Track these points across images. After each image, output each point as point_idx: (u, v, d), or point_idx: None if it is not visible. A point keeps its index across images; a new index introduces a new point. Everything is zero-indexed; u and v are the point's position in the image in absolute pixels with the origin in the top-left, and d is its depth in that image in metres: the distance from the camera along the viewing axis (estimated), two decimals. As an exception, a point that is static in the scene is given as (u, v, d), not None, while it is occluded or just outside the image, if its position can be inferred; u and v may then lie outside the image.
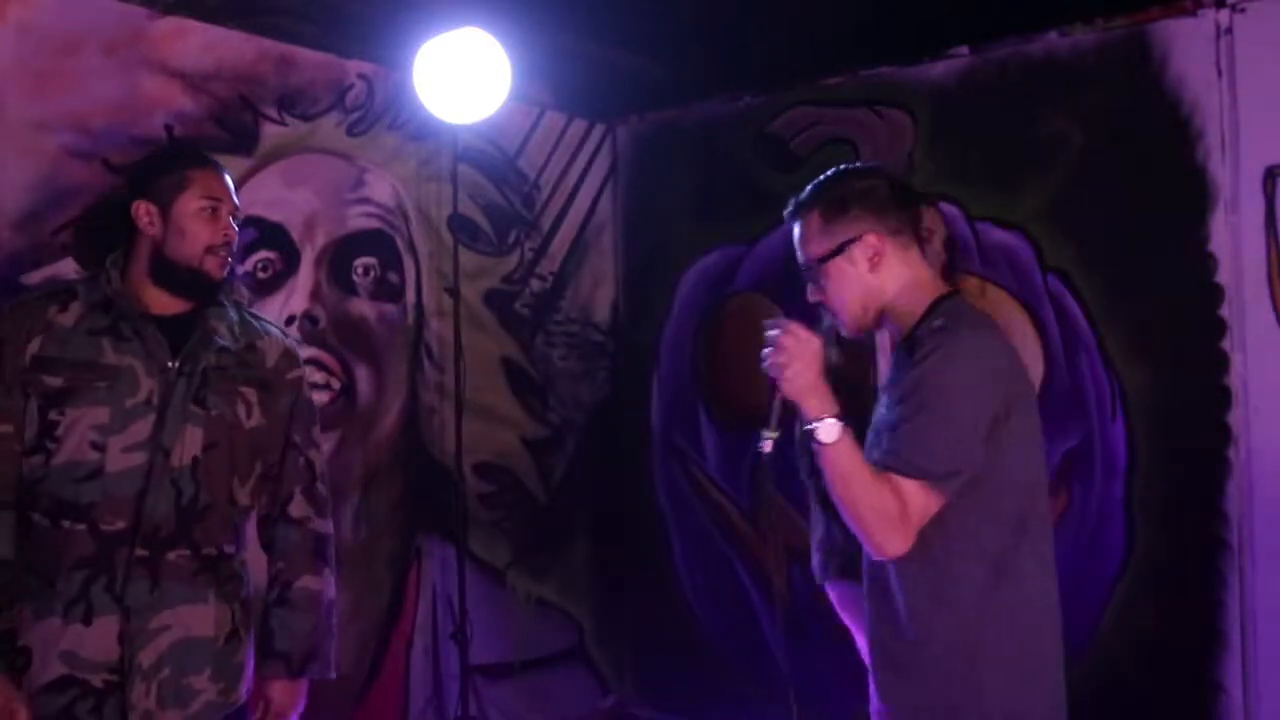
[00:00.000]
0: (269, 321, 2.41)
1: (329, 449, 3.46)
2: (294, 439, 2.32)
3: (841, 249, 1.94)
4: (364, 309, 3.60)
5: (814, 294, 2.04)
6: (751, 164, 4.12)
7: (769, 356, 1.97)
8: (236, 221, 2.26)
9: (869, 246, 1.94)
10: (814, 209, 1.98)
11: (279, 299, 3.38)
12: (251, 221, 3.31)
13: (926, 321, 1.91)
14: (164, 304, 2.18)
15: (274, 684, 2.25)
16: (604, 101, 4.33)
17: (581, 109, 4.33)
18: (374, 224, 3.64)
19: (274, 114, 3.38)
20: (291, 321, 3.39)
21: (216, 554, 2.18)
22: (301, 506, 2.31)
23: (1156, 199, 3.25)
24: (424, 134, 3.75)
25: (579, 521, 4.28)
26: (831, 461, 1.85)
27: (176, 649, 2.10)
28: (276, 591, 2.28)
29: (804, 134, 4.01)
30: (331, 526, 2.38)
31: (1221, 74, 3.15)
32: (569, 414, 4.26)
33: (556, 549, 4.18)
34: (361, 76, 3.61)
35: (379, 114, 3.66)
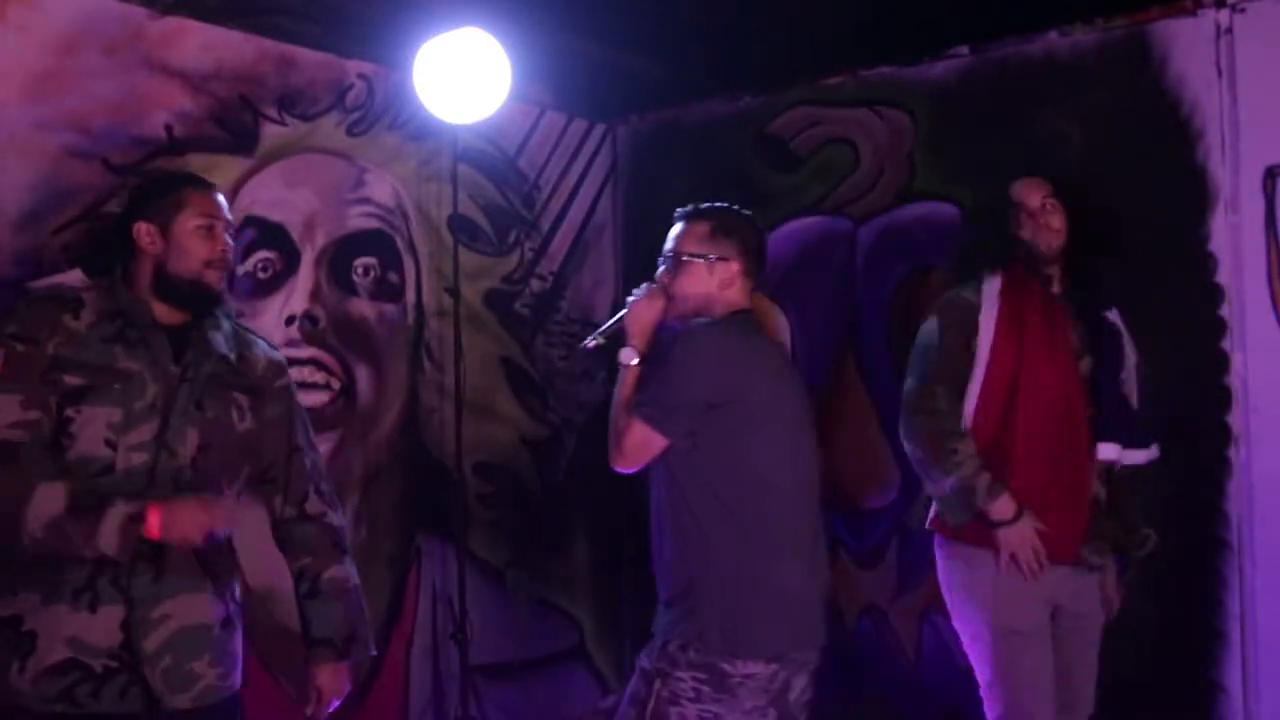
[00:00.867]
0: (255, 334, 2.52)
1: (329, 449, 3.47)
2: (298, 443, 2.48)
3: (709, 259, 2.55)
4: (364, 309, 3.60)
5: (665, 276, 2.62)
6: (751, 164, 4.11)
7: (635, 296, 2.58)
8: (230, 236, 2.39)
9: (730, 270, 2.56)
10: (709, 221, 2.61)
11: (279, 299, 3.38)
12: (251, 221, 3.31)
13: (675, 334, 2.53)
14: (166, 315, 2.32)
15: (321, 670, 2.42)
16: (604, 101, 4.33)
17: (581, 109, 4.33)
18: (374, 224, 3.64)
19: (274, 114, 3.38)
20: (291, 321, 3.39)
21: (211, 548, 2.29)
22: (317, 504, 2.47)
23: (1156, 199, 3.25)
24: (424, 134, 3.75)
25: (579, 521, 4.28)
26: (619, 383, 2.52)
27: (177, 637, 2.22)
28: (306, 585, 2.45)
29: (804, 134, 4.01)
30: (343, 518, 2.55)
31: (1221, 74, 3.15)
32: (569, 414, 4.26)
33: (556, 549, 4.18)
34: (361, 76, 3.61)
35: (379, 114, 3.66)
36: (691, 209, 2.66)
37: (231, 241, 2.39)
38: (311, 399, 3.43)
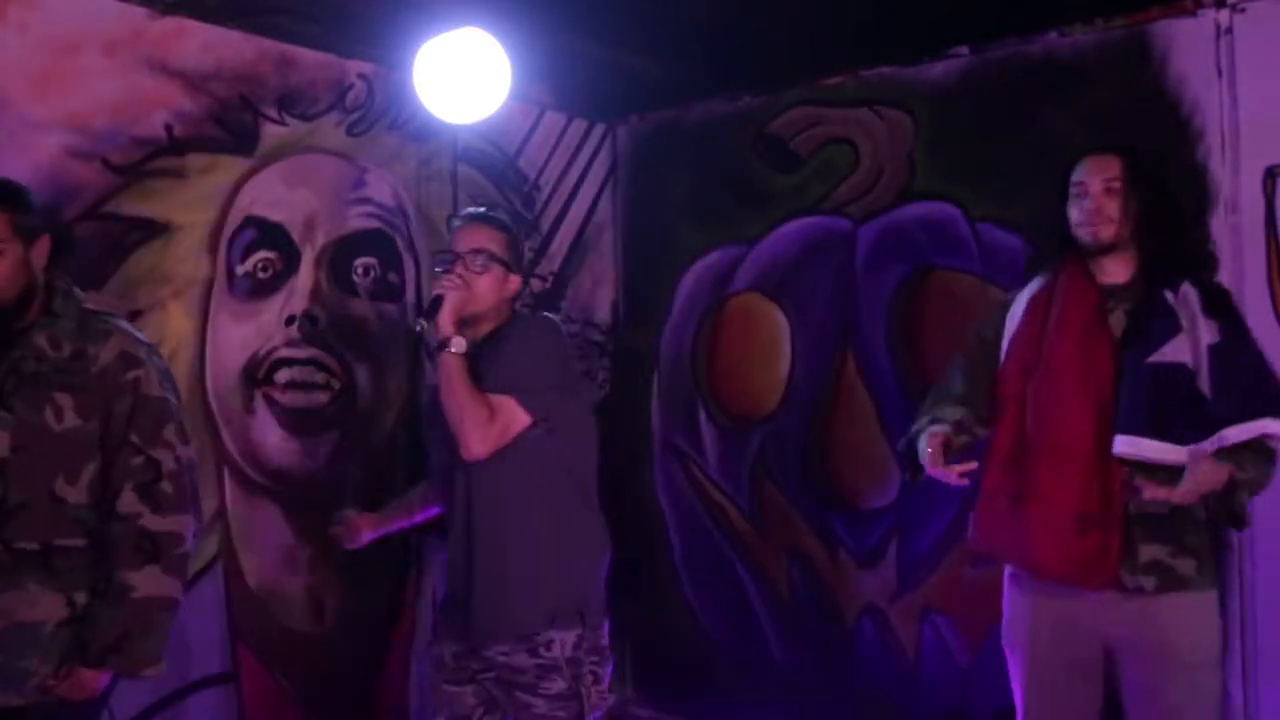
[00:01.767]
0: (119, 321, 2.45)
1: (329, 449, 3.47)
2: (131, 439, 2.36)
3: (509, 268, 2.65)
4: (364, 309, 3.60)
5: (473, 270, 2.61)
6: (751, 164, 4.12)
7: (448, 283, 2.57)
8: (21, 254, 2.32)
9: (515, 284, 2.69)
10: (511, 233, 2.70)
11: (279, 299, 3.38)
12: (251, 221, 3.32)
13: (510, 324, 2.65)
14: None
15: (74, 669, 2.31)
16: (604, 101, 4.32)
17: (581, 109, 4.33)
18: (374, 224, 3.64)
19: (274, 114, 3.38)
20: (291, 321, 3.40)
21: (41, 548, 2.30)
22: (130, 503, 2.34)
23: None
24: (424, 134, 3.75)
25: (579, 521, 4.28)
26: (452, 371, 2.49)
27: (7, 634, 2.26)
28: (102, 584, 2.34)
29: (804, 134, 4.01)
30: (179, 525, 2.37)
31: (1221, 74, 3.15)
32: (569, 414, 4.26)
33: (556, 549, 4.18)
34: (361, 76, 3.61)
35: (379, 114, 3.66)
36: (492, 214, 2.73)
37: (20, 258, 2.31)
38: (311, 399, 3.43)
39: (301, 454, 3.42)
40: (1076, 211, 2.56)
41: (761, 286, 4.09)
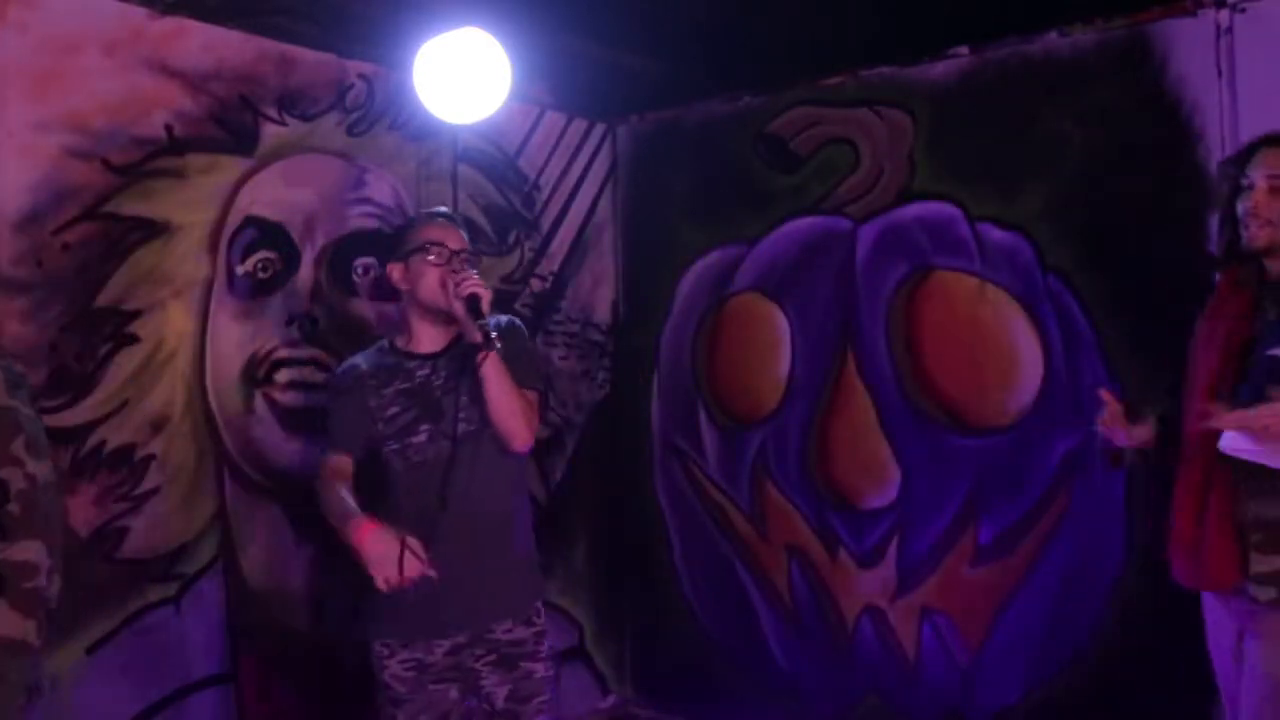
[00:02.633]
0: None
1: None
2: None
3: None
4: (364, 309, 3.60)
5: (474, 265, 2.74)
6: (751, 164, 4.12)
7: (474, 279, 2.62)
8: None
9: None
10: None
11: (279, 299, 3.38)
12: (251, 221, 3.31)
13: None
14: None
15: None
16: (604, 101, 4.32)
17: (581, 109, 4.33)
18: (374, 224, 3.64)
19: (274, 114, 3.38)
20: (291, 321, 3.39)
21: None
22: None
23: (1156, 199, 3.25)
24: (424, 134, 3.75)
25: (579, 521, 4.28)
26: (500, 368, 2.60)
27: None
28: None
29: (804, 134, 4.01)
30: (30, 553, 2.09)
31: (1221, 74, 3.15)
32: (569, 414, 4.26)
33: (556, 549, 4.18)
34: (361, 76, 3.61)
35: (379, 114, 3.66)
36: (456, 214, 2.95)
37: None
38: (312, 399, 3.43)
39: (301, 454, 3.41)
40: (1240, 208, 2.43)
41: (761, 286, 4.09)
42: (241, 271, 3.29)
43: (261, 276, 3.34)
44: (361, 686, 3.55)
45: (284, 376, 3.37)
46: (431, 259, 2.69)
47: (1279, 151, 2.42)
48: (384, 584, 2.44)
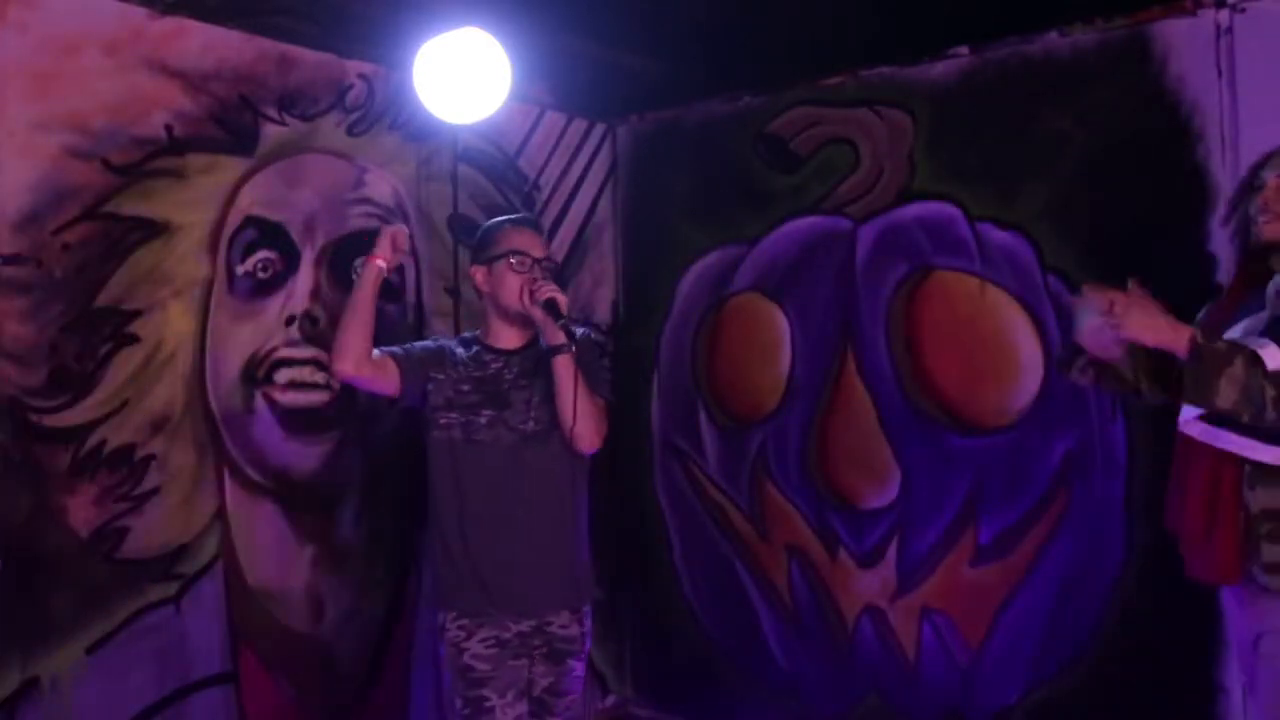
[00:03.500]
0: None
1: (329, 449, 3.47)
2: None
3: None
4: (364, 309, 3.60)
5: (553, 273, 2.85)
6: (751, 164, 4.12)
7: (549, 285, 2.74)
8: None
9: None
10: None
11: (279, 299, 3.38)
12: (251, 221, 3.31)
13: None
14: None
15: None
16: (604, 101, 4.33)
17: (581, 109, 4.33)
18: (374, 224, 3.63)
19: (274, 114, 3.38)
20: (291, 321, 3.40)
21: None
22: None
23: (1156, 199, 3.25)
24: (424, 134, 3.75)
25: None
26: (575, 369, 2.69)
27: None
28: None
29: (804, 134, 4.01)
30: None
31: (1221, 74, 3.15)
32: (569, 414, 4.26)
33: (556, 549, 4.18)
34: (361, 76, 3.61)
35: (379, 114, 3.66)
36: (536, 220, 3.08)
37: None
38: (311, 399, 3.43)
39: (301, 454, 3.42)
40: (1252, 207, 2.47)
41: (761, 286, 4.09)
42: (241, 271, 3.29)
43: (261, 276, 3.34)
44: (362, 686, 3.56)
45: (284, 376, 3.37)
46: (514, 265, 2.80)
47: None
48: (384, 258, 2.76)
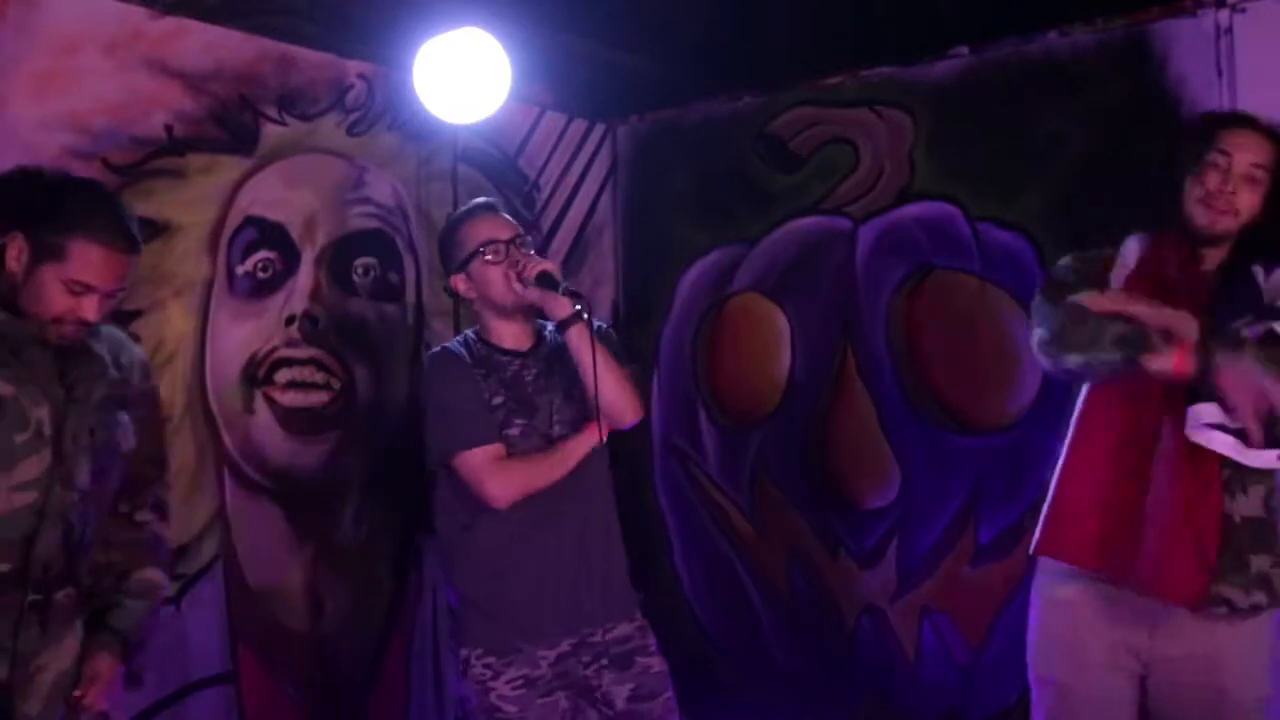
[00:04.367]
0: (121, 332, 2.37)
1: (329, 449, 3.47)
2: (157, 454, 2.35)
3: None
4: (364, 309, 3.60)
5: (530, 245, 2.69)
6: (751, 164, 4.12)
7: (538, 259, 2.58)
8: (110, 301, 2.10)
9: None
10: None
11: (279, 299, 3.38)
12: (251, 221, 3.32)
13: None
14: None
15: (101, 658, 2.19)
16: (604, 101, 4.32)
17: (581, 109, 4.33)
18: (374, 224, 3.64)
19: (274, 114, 3.38)
20: (291, 321, 3.39)
21: (93, 584, 2.21)
22: (146, 514, 2.32)
23: (1156, 199, 3.24)
24: (424, 134, 3.75)
25: (579, 521, 4.28)
26: (593, 340, 2.49)
27: (52, 687, 2.12)
28: (111, 580, 2.24)
29: (804, 134, 4.01)
30: (168, 531, 2.40)
31: (1221, 74, 3.15)
32: (569, 414, 4.26)
33: (556, 549, 4.18)
34: (361, 76, 3.61)
35: (379, 114, 3.66)
36: (492, 200, 2.79)
37: (106, 308, 2.07)
38: (311, 399, 3.43)
39: (301, 454, 3.42)
40: (1202, 187, 2.22)
41: (761, 286, 4.09)
42: (241, 271, 3.29)
43: (261, 276, 3.34)
44: (362, 686, 3.56)
45: (284, 376, 3.37)
46: (490, 259, 2.60)
47: (1257, 138, 2.20)
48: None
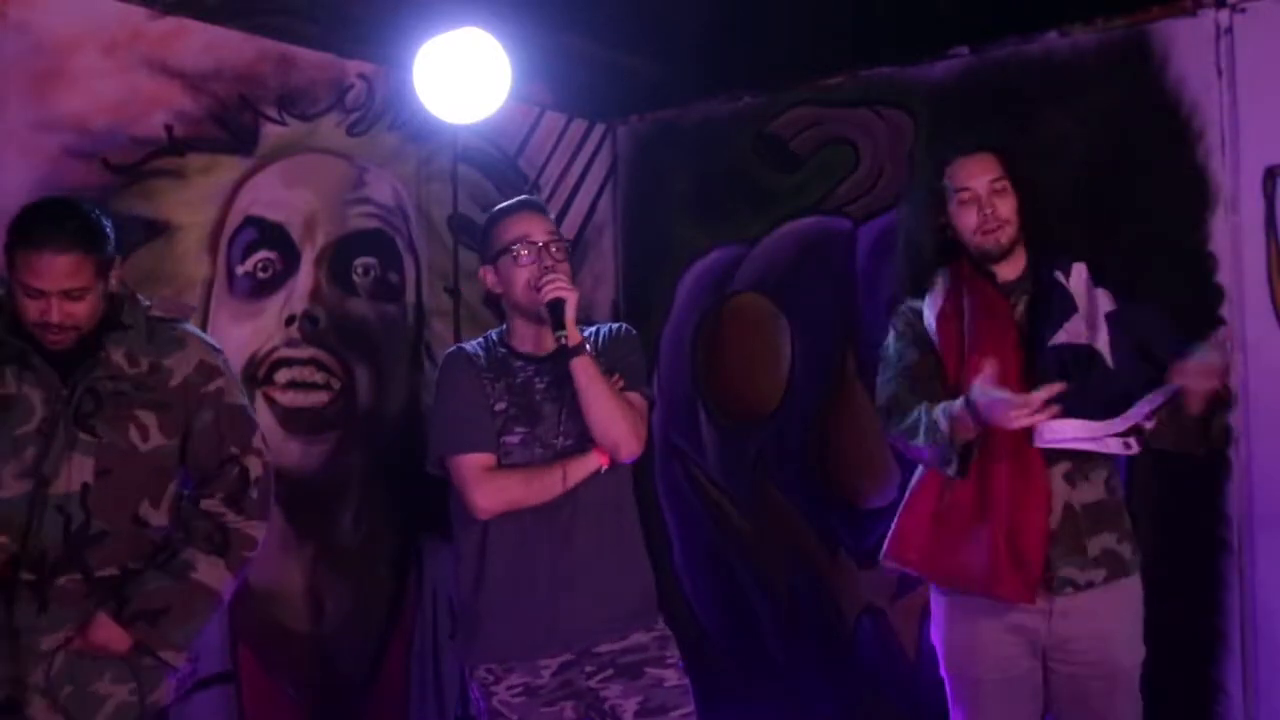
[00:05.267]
0: (192, 329, 2.41)
1: (329, 449, 3.47)
2: (230, 450, 2.37)
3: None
4: (364, 309, 3.60)
5: (562, 256, 2.61)
6: (751, 164, 4.12)
7: (558, 281, 2.51)
8: (76, 303, 2.18)
9: None
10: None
11: (279, 299, 3.38)
12: (251, 221, 3.32)
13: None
14: None
15: (100, 621, 2.22)
16: (604, 101, 4.32)
17: (581, 109, 4.33)
18: (374, 224, 3.64)
19: (274, 114, 3.38)
20: (291, 321, 3.40)
21: (121, 574, 2.25)
22: (216, 505, 2.35)
23: (1156, 199, 3.25)
24: (424, 134, 3.75)
25: (579, 521, 4.28)
26: (594, 374, 2.46)
27: (70, 666, 2.18)
28: (162, 557, 2.31)
29: (804, 134, 4.01)
30: (257, 530, 2.41)
31: (1221, 74, 3.15)
32: (569, 414, 4.26)
33: (556, 549, 4.18)
34: (361, 76, 3.61)
35: (379, 114, 3.66)
36: (539, 200, 2.76)
37: (70, 309, 2.15)
38: (311, 399, 3.43)
39: (301, 454, 3.42)
40: (970, 218, 2.55)
41: (761, 286, 4.09)
42: (241, 271, 3.29)
43: (261, 276, 3.34)
44: (362, 686, 3.56)
45: (284, 376, 3.37)
46: (519, 258, 2.53)
47: (978, 159, 2.59)
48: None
